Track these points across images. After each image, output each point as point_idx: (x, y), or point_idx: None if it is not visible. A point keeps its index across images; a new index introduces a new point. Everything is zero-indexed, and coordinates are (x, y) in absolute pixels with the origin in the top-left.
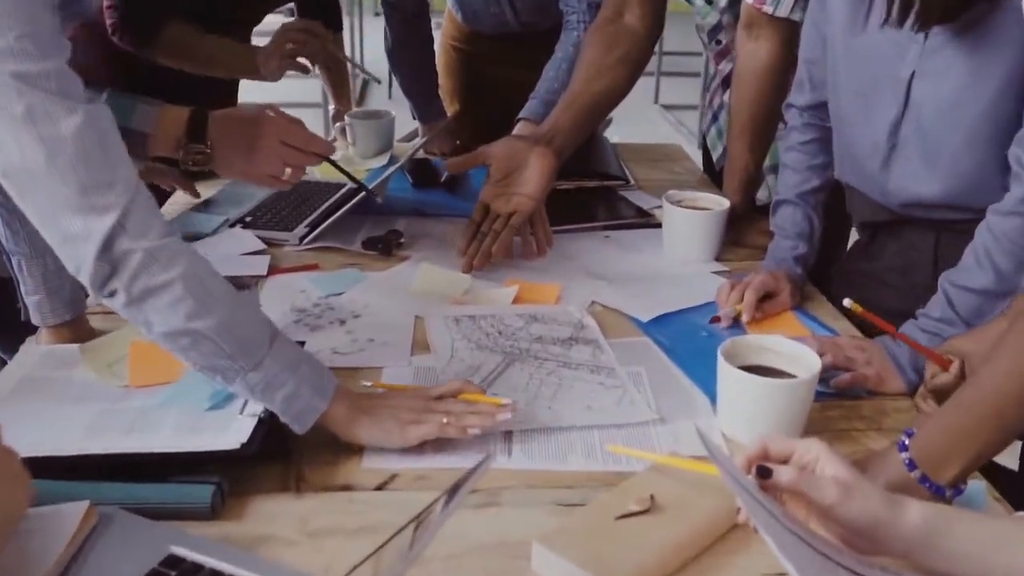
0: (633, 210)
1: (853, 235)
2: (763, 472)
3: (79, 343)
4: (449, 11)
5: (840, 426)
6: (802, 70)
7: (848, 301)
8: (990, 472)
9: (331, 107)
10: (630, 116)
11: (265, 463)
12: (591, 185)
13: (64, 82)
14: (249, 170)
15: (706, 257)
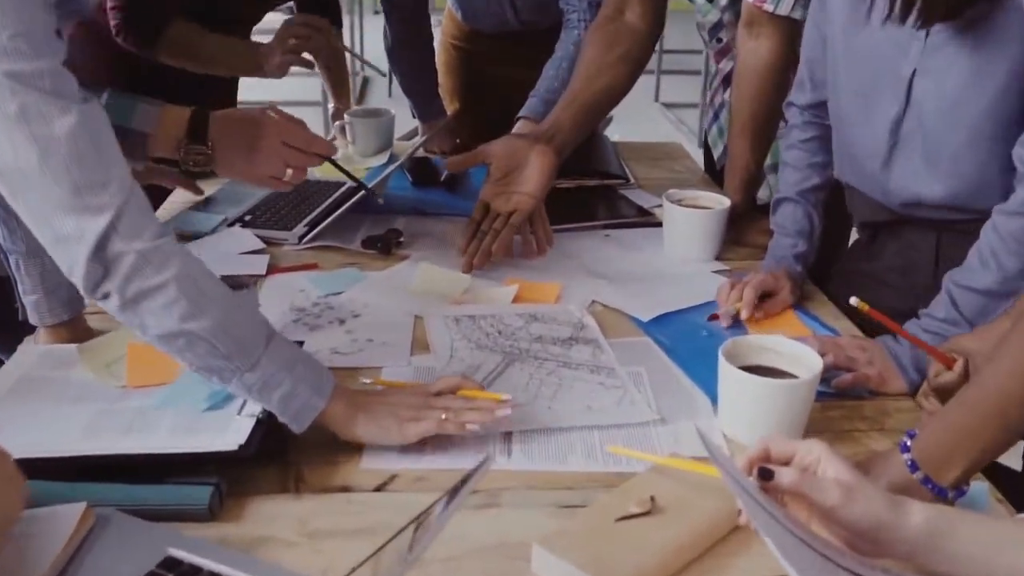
0: (633, 209)
1: (854, 235)
2: (764, 474)
3: (77, 343)
4: (449, 10)
5: (841, 427)
6: (803, 69)
7: (855, 300)
8: (992, 473)
9: (330, 105)
10: (630, 114)
11: (263, 464)
12: (591, 184)
13: (58, 81)
14: (250, 171)
15: (707, 256)
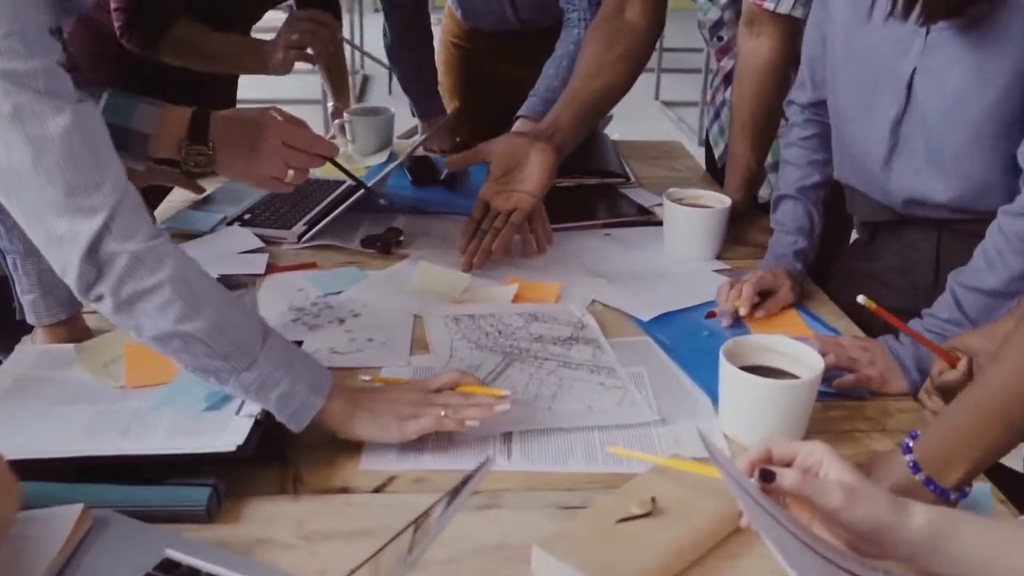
0: (634, 208)
1: (854, 235)
2: (766, 475)
3: (75, 343)
4: (449, 8)
5: (843, 427)
6: (804, 68)
7: (862, 298)
8: (994, 474)
9: (330, 104)
10: (631, 113)
11: (262, 465)
12: (591, 182)
13: (52, 81)
14: (251, 172)
15: (707, 255)
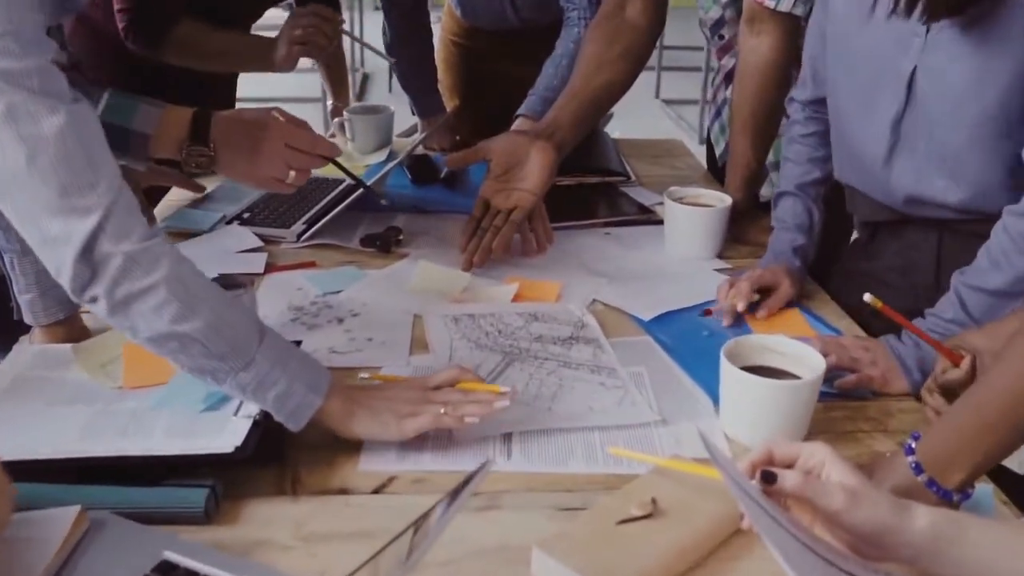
0: (634, 207)
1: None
2: (768, 477)
3: (72, 343)
4: (448, 6)
5: (845, 427)
6: (806, 67)
7: (868, 296)
8: (996, 476)
9: (329, 102)
10: (631, 111)
11: (260, 466)
12: (592, 181)
13: (47, 81)
14: (252, 173)
15: (708, 254)
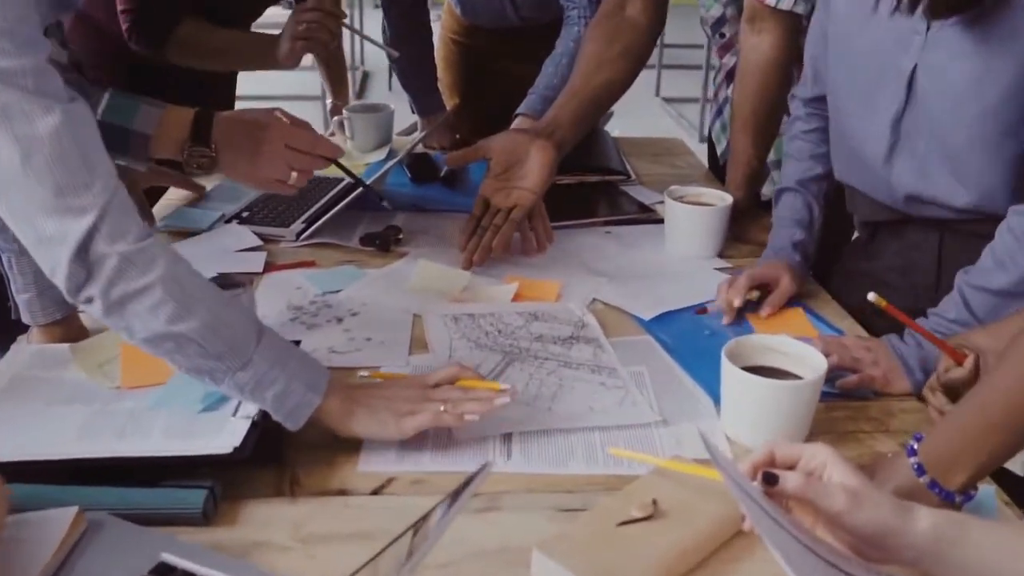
0: (635, 205)
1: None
2: (769, 479)
3: (70, 342)
4: (448, 4)
5: (846, 428)
6: (807, 66)
7: (873, 295)
8: (998, 478)
9: (328, 101)
10: (631, 109)
11: (259, 467)
12: (592, 180)
13: (42, 80)
14: (253, 174)
15: (709, 253)
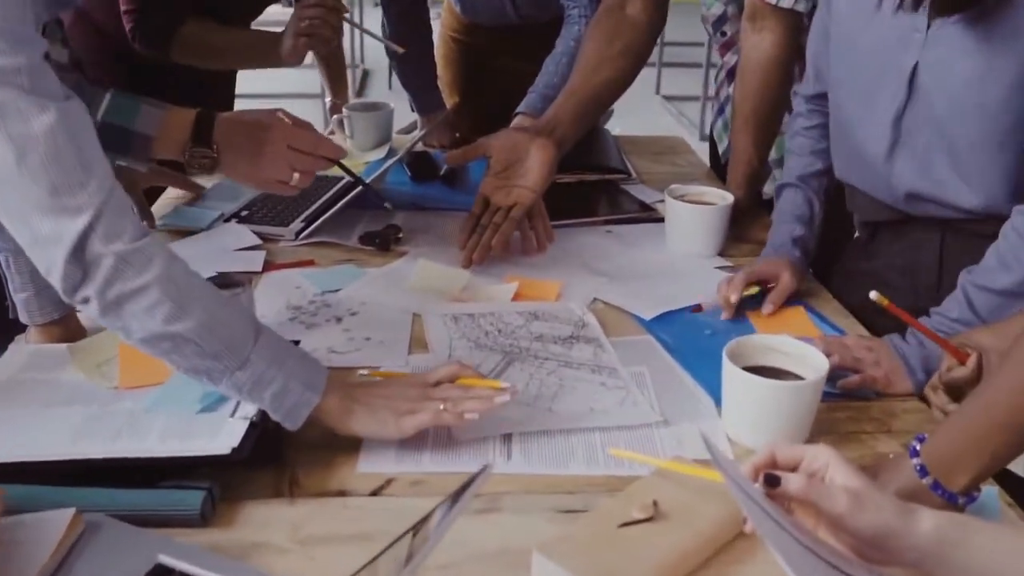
0: (635, 204)
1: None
2: (771, 480)
3: (68, 342)
4: (448, 2)
5: (848, 428)
6: (810, 65)
7: (875, 294)
8: (1001, 480)
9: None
10: (632, 108)
11: (257, 468)
12: (592, 178)
13: (37, 78)
14: (255, 175)
15: (710, 252)
